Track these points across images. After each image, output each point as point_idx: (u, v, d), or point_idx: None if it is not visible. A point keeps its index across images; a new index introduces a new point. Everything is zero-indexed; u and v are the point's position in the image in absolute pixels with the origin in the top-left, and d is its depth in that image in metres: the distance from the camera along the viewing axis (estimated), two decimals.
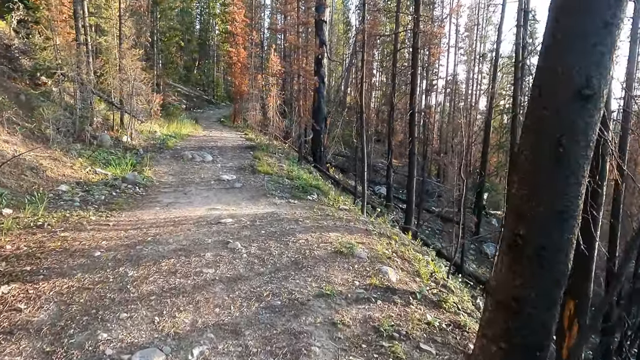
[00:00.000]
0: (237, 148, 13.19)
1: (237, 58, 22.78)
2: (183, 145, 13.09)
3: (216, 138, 15.77)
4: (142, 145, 12.44)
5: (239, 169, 10.29)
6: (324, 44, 17.71)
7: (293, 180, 9.72)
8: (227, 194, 8.10)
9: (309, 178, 10.89)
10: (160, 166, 10.07)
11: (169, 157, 11.11)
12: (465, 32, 40.93)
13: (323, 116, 18.29)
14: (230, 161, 11.12)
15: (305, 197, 8.23)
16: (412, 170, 9.30)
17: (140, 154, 11.12)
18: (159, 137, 14.52)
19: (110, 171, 9.11)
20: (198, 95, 41.64)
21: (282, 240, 4.70)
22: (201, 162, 10.70)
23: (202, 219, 6.02)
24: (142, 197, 7.54)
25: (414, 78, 8.90)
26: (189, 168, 10.08)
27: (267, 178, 9.53)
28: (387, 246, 5.03)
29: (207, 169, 10.15)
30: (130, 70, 12.70)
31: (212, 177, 9.33)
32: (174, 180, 8.99)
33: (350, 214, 6.80)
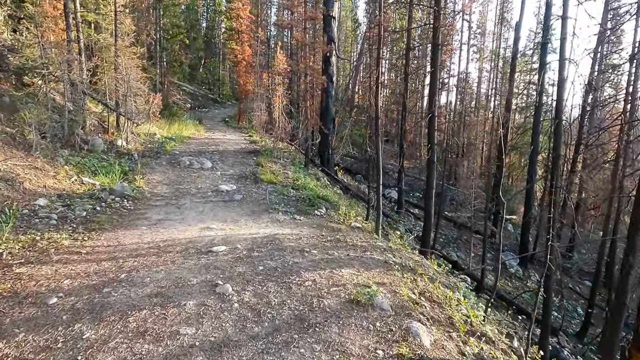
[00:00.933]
0: (239, 152, 12.33)
1: (242, 56, 21.94)
2: (182, 150, 12.27)
3: (218, 141, 14.93)
4: (138, 150, 11.63)
5: (240, 177, 9.42)
6: (333, 41, 16.76)
7: (299, 190, 8.83)
8: (225, 208, 7.24)
9: (317, 187, 10.00)
10: (155, 174, 9.24)
11: (165, 163, 10.28)
12: (478, 29, 39.66)
13: (331, 117, 17.36)
14: (231, 168, 10.26)
15: (313, 212, 7.33)
16: (430, 180, 8.34)
17: (134, 160, 10.31)
18: (158, 140, 13.72)
19: (99, 180, 8.30)
20: (203, 94, 40.98)
21: (284, 281, 3.80)
22: (199, 170, 9.85)
23: (192, 243, 5.16)
24: (129, 213, 6.70)
25: (434, 78, 7.94)
26: (185, 176, 9.24)
27: (271, 188, 8.65)
28: (412, 285, 4.11)
29: (205, 177, 9.30)
30: (126, 69, 11.89)
31: (210, 187, 8.48)
32: (167, 191, 8.15)
33: (364, 236, 5.88)
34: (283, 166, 11.15)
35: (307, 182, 10.07)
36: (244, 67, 22.24)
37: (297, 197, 8.27)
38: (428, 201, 8.41)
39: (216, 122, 26.68)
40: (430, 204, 8.38)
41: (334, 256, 4.52)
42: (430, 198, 8.36)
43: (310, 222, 6.81)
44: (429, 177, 8.39)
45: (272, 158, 11.53)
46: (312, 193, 8.62)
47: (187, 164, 10.02)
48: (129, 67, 12.42)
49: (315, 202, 7.90)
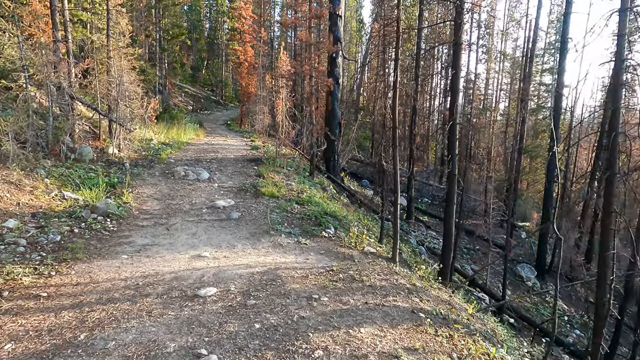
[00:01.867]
0: (239, 160, 11.49)
1: (244, 57, 21.14)
2: (178, 158, 11.44)
3: (218, 147, 14.10)
4: (131, 158, 10.83)
5: (239, 190, 8.57)
6: (339, 40, 15.91)
7: (304, 205, 7.97)
8: (220, 229, 6.38)
9: (323, 200, 9.14)
10: (145, 187, 8.41)
11: (158, 173, 9.45)
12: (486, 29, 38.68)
13: (337, 121, 16.50)
14: (230, 179, 9.41)
15: (320, 233, 6.46)
16: (451, 195, 7.43)
17: (125, 170, 9.49)
18: (154, 146, 12.92)
19: (83, 195, 7.48)
20: (206, 96, 40.26)
21: (287, 349, 2.91)
22: (195, 181, 9.01)
23: (177, 281, 4.31)
24: (110, 236, 5.86)
25: (456, 81, 7.04)
26: (179, 189, 8.40)
27: (272, 204, 7.79)
28: (449, 346, 3.23)
29: (201, 190, 8.45)
30: (120, 71, 11.09)
31: (205, 203, 7.63)
32: (158, 207, 7.31)
33: (381, 269, 4.99)
34: (286, 176, 10.29)
35: (313, 194, 9.20)
36: (246, 69, 21.45)
37: (302, 213, 7.40)
38: (448, 219, 7.51)
39: (218, 125, 25.89)
40: (451, 222, 7.49)
41: (349, 305, 3.64)
42: (451, 216, 7.46)
43: (318, 246, 5.94)
44: (450, 192, 7.49)
45: (275, 167, 10.67)
46: (319, 209, 7.75)
47: (182, 174, 9.19)
48: (123, 69, 11.63)
49: (322, 221, 7.03)
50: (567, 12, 14.66)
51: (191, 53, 40.85)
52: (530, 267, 16.28)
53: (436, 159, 36.52)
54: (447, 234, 7.64)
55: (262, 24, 22.77)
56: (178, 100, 34.64)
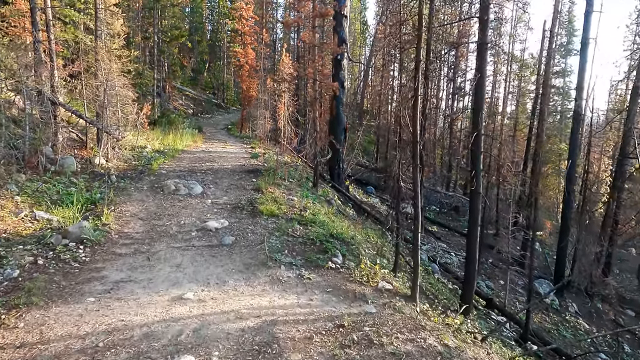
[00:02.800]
0: (237, 172, 10.60)
1: (245, 59, 20.31)
2: (171, 168, 10.57)
3: (215, 155, 13.23)
4: (119, 169, 9.97)
5: (234, 207, 7.68)
6: (344, 42, 15.04)
7: (307, 225, 7.06)
8: (210, 259, 5.49)
9: (329, 218, 8.24)
10: (131, 203, 7.53)
11: (146, 187, 8.58)
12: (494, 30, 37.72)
13: (342, 127, 15.62)
14: (225, 194, 8.52)
15: (325, 264, 5.55)
16: (475, 215, 6.51)
17: (110, 183, 8.63)
18: (146, 154, 12.08)
19: (58, 214, 6.61)
20: (207, 99, 39.51)
21: None
22: (186, 197, 8.13)
23: (147, 341, 3.41)
24: (80, 269, 4.98)
25: (481, 86, 6.11)
26: (168, 207, 7.51)
27: (272, 225, 6.89)
28: None
29: (192, 207, 7.57)
30: (108, 74, 10.26)
31: (196, 224, 6.74)
32: (141, 230, 6.42)
33: (403, 320, 4.08)
34: (288, 189, 9.40)
35: (317, 210, 8.31)
36: (247, 71, 20.61)
37: (305, 237, 6.49)
38: (472, 242, 6.58)
39: (218, 129, 25.07)
40: (474, 245, 6.55)
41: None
42: (475, 239, 6.53)
43: (324, 281, 5.03)
44: (473, 212, 6.56)
45: (275, 179, 9.77)
46: (324, 230, 6.85)
47: (172, 189, 8.31)
48: (114, 72, 10.80)
49: (328, 246, 6.12)
50: (588, 11, 13.74)
51: (192, 55, 40.15)
52: (548, 283, 15.28)
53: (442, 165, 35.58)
54: (470, 257, 6.71)
55: (263, 25, 21.96)
56: (178, 103, 33.87)
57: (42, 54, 9.01)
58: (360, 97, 38.92)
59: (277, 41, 38.76)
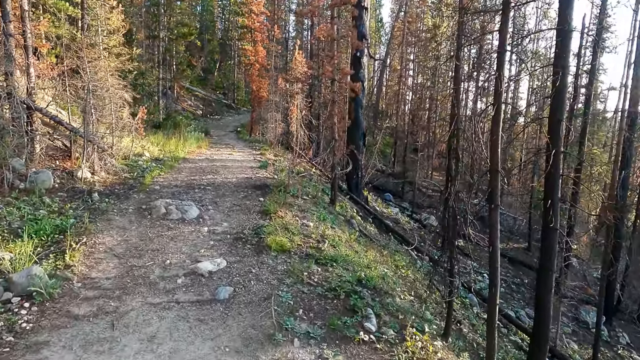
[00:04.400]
0: (242, 187, 9.10)
1: (254, 58, 18.87)
2: (166, 182, 9.14)
3: (220, 164, 11.78)
4: (105, 183, 8.59)
5: (236, 239, 6.18)
6: (365, 37, 13.47)
7: (327, 265, 5.53)
8: (197, 326, 3.99)
9: (351, 246, 6.71)
10: (108, 233, 6.10)
11: (132, 209, 7.15)
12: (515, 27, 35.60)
13: (361, 132, 14.09)
14: (226, 219, 7.03)
15: (356, 335, 4.00)
16: (550, 257, 4.87)
17: (90, 204, 7.23)
18: (142, 164, 10.70)
19: (15, 250, 5.20)
20: (217, 100, 38.31)
21: None
22: (178, 223, 6.67)
23: None
24: (10, 348, 3.53)
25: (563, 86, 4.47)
26: (153, 237, 6.06)
27: (282, 265, 5.37)
28: None
29: (183, 239, 6.10)
30: (95, 73, 8.90)
31: (184, 265, 5.26)
32: (113, 274, 4.97)
33: None
34: (301, 210, 7.87)
35: (338, 239, 6.77)
36: (257, 71, 19.18)
37: (324, 284, 4.95)
38: (545, 294, 4.95)
39: (227, 132, 23.73)
40: (547, 301, 4.92)
41: None
42: (548, 291, 4.91)
43: None
44: (547, 252, 4.94)
45: (287, 197, 8.24)
46: (348, 273, 5.31)
47: (162, 212, 6.86)
48: (103, 71, 9.45)
49: (356, 302, 4.57)
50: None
51: (202, 54, 38.98)
52: (594, 308, 13.42)
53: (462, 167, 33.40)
54: (542, 316, 5.08)
55: (275, 21, 20.49)
56: (187, 104, 32.69)
57: (15, 50, 7.66)
58: (376, 97, 37.20)
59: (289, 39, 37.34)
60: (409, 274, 7.93)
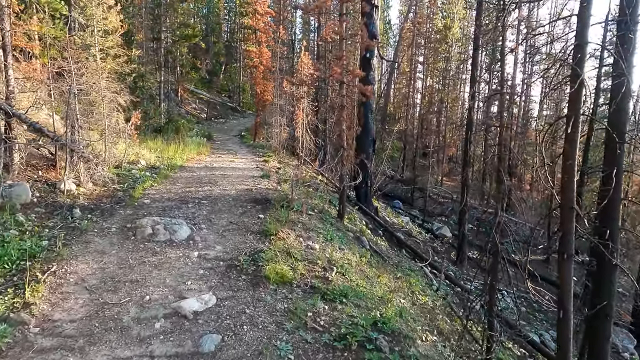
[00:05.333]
0: (242, 201, 8.27)
1: (259, 59, 18.11)
2: (158, 195, 8.34)
3: (219, 173, 10.98)
4: (91, 197, 7.81)
5: (230, 267, 5.34)
6: (375, 37, 12.63)
7: (335, 302, 4.68)
8: None
9: (362, 275, 5.84)
10: (84, 259, 5.29)
11: (115, 228, 6.34)
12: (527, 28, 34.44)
13: (371, 138, 13.22)
14: (220, 240, 6.20)
15: None
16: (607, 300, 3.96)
17: (70, 221, 6.45)
18: (135, 173, 9.94)
19: None
20: (222, 103, 37.67)
21: None
22: (165, 246, 5.85)
23: None
24: None
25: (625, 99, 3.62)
26: (134, 265, 5.24)
27: (282, 303, 4.52)
28: None
29: (168, 267, 5.27)
30: (82, 75, 8.15)
31: (166, 303, 4.43)
32: (80, 314, 4.16)
33: None
34: (306, 228, 7.02)
35: (347, 265, 5.91)
36: (261, 73, 18.41)
37: (333, 333, 4.10)
38: (603, 346, 4.04)
39: (230, 136, 23.01)
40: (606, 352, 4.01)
41: None
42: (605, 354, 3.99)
43: None
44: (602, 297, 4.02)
45: (290, 214, 7.39)
46: (361, 313, 4.46)
47: (148, 232, 6.05)
48: (91, 73, 8.71)
49: (372, 356, 3.71)
50: None
51: (207, 57, 38.43)
52: (627, 333, 12.38)
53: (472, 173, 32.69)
54: None
55: (280, 22, 19.73)
56: (191, 107, 32.08)
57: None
58: (384, 100, 36.29)
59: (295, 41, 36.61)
60: (427, 300, 7.04)
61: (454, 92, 36.01)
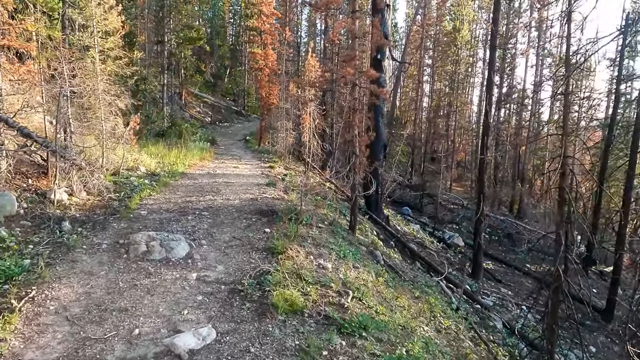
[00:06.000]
0: (246, 212, 7.65)
1: (264, 62, 17.57)
2: (156, 205, 7.75)
3: (222, 181, 10.40)
4: (84, 208, 7.24)
5: (232, 292, 4.71)
6: (387, 37, 12.04)
7: (354, 334, 4.04)
8: None
9: (380, 298, 5.21)
10: (69, 281, 4.70)
11: (106, 244, 5.75)
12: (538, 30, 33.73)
13: (382, 143, 12.60)
14: (222, 259, 5.58)
15: None
16: None
17: (58, 235, 5.87)
18: (134, 181, 9.38)
19: None
20: (227, 107, 37.26)
21: None
22: (161, 266, 5.24)
23: None
24: None
25: None
26: (124, 289, 4.63)
27: (293, 338, 3.88)
28: None
29: (163, 291, 4.65)
30: (75, 77, 7.61)
31: (157, 338, 3.80)
32: (55, 354, 3.54)
33: None
34: (316, 244, 6.38)
35: (364, 288, 5.26)
36: (266, 75, 17.87)
37: None
38: None
39: (234, 140, 22.48)
40: None
41: None
42: None
43: None
44: None
45: (299, 229, 6.76)
46: (387, 355, 3.80)
47: (142, 250, 5.45)
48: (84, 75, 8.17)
49: None
50: None
51: (212, 60, 38.07)
52: None
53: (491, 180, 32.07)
54: None
55: (286, 23, 19.21)
56: (195, 111, 31.66)
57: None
58: (391, 104, 35.65)
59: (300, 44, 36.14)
60: (450, 324, 6.36)
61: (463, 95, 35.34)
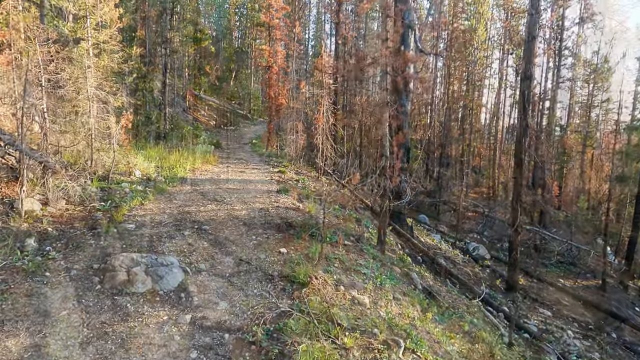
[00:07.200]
0: (255, 227, 6.32)
1: (272, 59, 16.36)
2: (147, 217, 6.45)
3: (226, 187, 9.09)
4: (61, 218, 5.97)
5: (239, 344, 3.37)
6: (411, 28, 10.77)
7: None
8: None
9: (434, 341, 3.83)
10: (15, 328, 3.40)
11: (77, 269, 4.45)
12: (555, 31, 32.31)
13: (407, 146, 11.28)
14: (227, 293, 4.25)
15: None
16: None
17: (19, 257, 4.59)
18: (126, 186, 8.10)
19: None
20: (232, 110, 36.21)
21: None
22: (144, 302, 3.92)
23: None
24: None
25: None
26: (90, 341, 3.31)
27: None
28: None
29: (142, 342, 3.33)
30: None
31: None
32: None
33: None
34: (345, 269, 5.04)
35: (414, 334, 3.91)
36: (275, 74, 16.64)
37: None
38: None
39: (240, 144, 21.25)
40: None
41: None
42: None
43: None
44: None
45: (323, 247, 5.41)
46: None
47: (121, 278, 4.14)
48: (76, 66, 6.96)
49: None
50: None
51: (217, 62, 37.10)
52: None
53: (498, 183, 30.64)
54: None
55: (296, 19, 18.02)
56: (200, 114, 30.65)
57: None
58: None
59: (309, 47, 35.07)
60: None
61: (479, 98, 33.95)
